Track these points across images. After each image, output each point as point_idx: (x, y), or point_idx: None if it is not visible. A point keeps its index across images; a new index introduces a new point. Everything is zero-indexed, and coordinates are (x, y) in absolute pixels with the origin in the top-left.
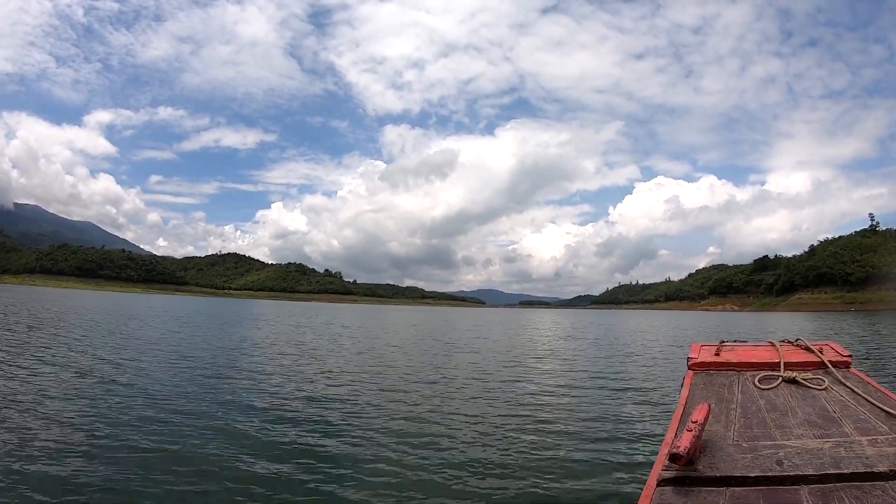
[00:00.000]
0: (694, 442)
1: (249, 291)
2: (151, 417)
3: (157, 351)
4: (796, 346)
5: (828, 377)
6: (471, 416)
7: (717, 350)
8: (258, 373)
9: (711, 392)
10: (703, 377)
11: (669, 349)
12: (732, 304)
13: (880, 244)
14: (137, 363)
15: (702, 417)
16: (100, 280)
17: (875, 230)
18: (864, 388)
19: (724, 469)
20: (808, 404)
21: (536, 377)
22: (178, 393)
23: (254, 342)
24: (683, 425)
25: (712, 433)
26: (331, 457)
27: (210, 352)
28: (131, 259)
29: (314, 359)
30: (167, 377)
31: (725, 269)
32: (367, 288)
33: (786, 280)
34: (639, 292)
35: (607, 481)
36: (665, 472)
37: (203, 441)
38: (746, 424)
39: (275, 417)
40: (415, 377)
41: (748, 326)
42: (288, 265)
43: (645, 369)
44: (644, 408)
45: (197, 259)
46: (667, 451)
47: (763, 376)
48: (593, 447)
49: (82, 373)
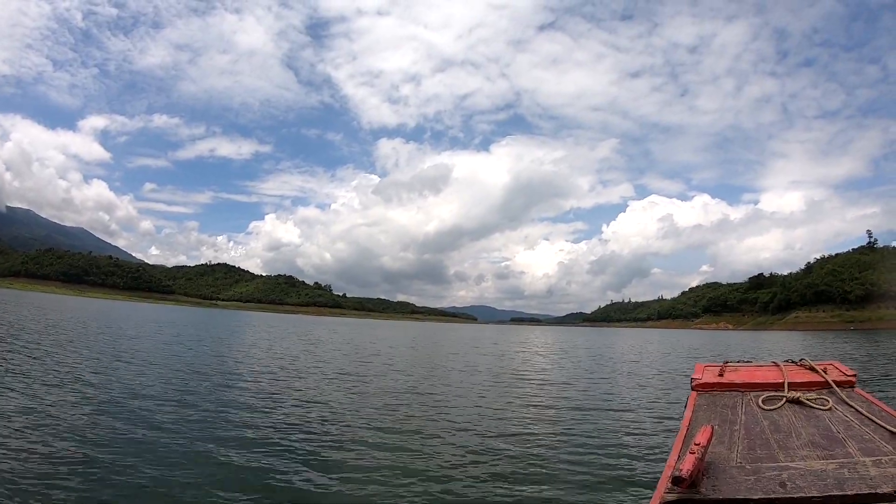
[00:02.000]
0: (696, 464)
1: (237, 302)
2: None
3: (88, 360)
4: (800, 365)
5: (832, 397)
6: (466, 439)
7: (720, 370)
8: (176, 389)
9: (715, 413)
10: (706, 398)
11: (668, 369)
12: (727, 322)
13: (878, 261)
14: (72, 371)
15: (705, 439)
16: (85, 286)
17: (873, 248)
18: (868, 407)
19: (726, 492)
20: (812, 425)
21: (533, 398)
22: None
23: (181, 355)
24: (686, 447)
25: (715, 455)
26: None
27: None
28: (118, 266)
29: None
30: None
31: (719, 287)
32: (357, 301)
33: (782, 298)
34: (631, 310)
35: (610, 502)
36: (667, 495)
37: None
38: (750, 446)
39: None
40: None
41: (746, 346)
42: (277, 277)
43: (644, 389)
44: (645, 428)
45: (186, 268)
46: (669, 473)
47: (767, 397)
48: (594, 470)
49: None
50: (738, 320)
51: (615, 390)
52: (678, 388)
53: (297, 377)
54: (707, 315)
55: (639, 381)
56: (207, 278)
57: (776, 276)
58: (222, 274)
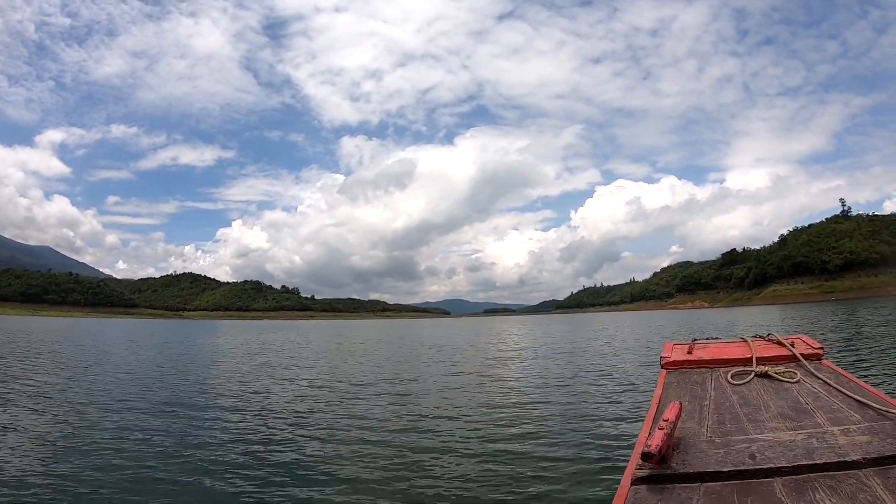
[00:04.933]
0: (666, 440)
1: (204, 312)
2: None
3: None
4: (768, 340)
5: (800, 370)
6: (441, 425)
7: (689, 348)
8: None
9: (685, 390)
10: (676, 376)
11: (640, 350)
12: (702, 300)
13: (854, 229)
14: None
15: (673, 415)
16: (46, 305)
17: (847, 216)
18: (836, 379)
19: (697, 465)
20: (781, 397)
21: (503, 385)
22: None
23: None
24: (656, 424)
25: (686, 430)
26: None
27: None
28: (78, 282)
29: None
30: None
31: (691, 266)
32: (326, 303)
33: (758, 272)
34: (604, 295)
35: (582, 483)
36: (638, 471)
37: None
38: (720, 420)
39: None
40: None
41: (722, 324)
42: (244, 283)
43: (616, 371)
44: (618, 409)
45: (152, 280)
46: (640, 450)
47: (735, 372)
48: (567, 450)
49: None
50: (714, 297)
51: (586, 373)
52: (651, 368)
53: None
54: (681, 294)
55: (610, 363)
56: (173, 289)
57: (749, 251)
58: (188, 284)
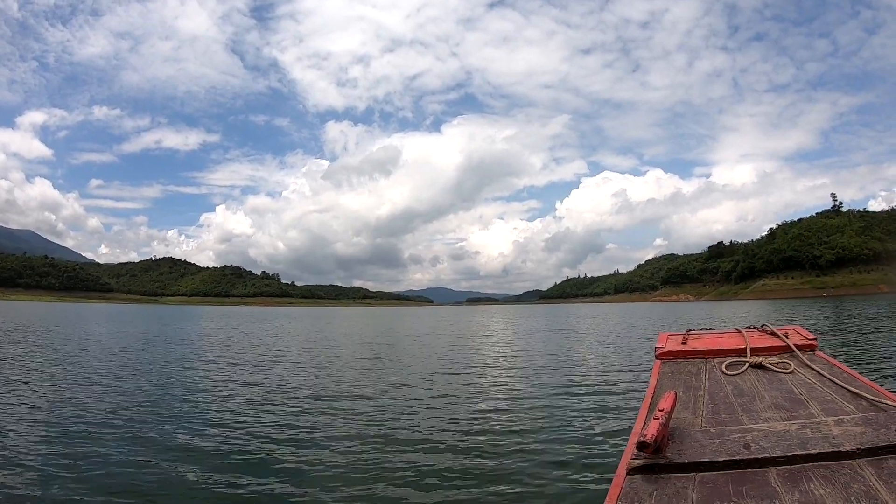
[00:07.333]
0: (661, 430)
1: (183, 297)
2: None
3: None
4: (762, 331)
5: (794, 361)
6: (430, 419)
7: (683, 339)
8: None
9: (679, 380)
10: (670, 366)
11: (631, 341)
12: (687, 294)
13: (846, 225)
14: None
15: (668, 405)
16: (19, 289)
17: (839, 210)
18: (829, 370)
19: (692, 455)
20: (775, 388)
21: (493, 377)
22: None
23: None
24: (651, 414)
25: (680, 420)
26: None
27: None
28: (53, 266)
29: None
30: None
31: (676, 258)
32: (307, 289)
33: (745, 266)
34: (588, 286)
35: (577, 473)
36: (634, 461)
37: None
38: (714, 410)
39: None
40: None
41: (711, 318)
42: (224, 268)
43: (608, 362)
44: (611, 399)
45: (131, 265)
46: (635, 440)
47: (730, 363)
48: (563, 442)
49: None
50: (700, 291)
51: (578, 365)
52: (646, 360)
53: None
54: (666, 287)
55: (602, 354)
56: (152, 273)
57: (737, 245)
58: (167, 269)
